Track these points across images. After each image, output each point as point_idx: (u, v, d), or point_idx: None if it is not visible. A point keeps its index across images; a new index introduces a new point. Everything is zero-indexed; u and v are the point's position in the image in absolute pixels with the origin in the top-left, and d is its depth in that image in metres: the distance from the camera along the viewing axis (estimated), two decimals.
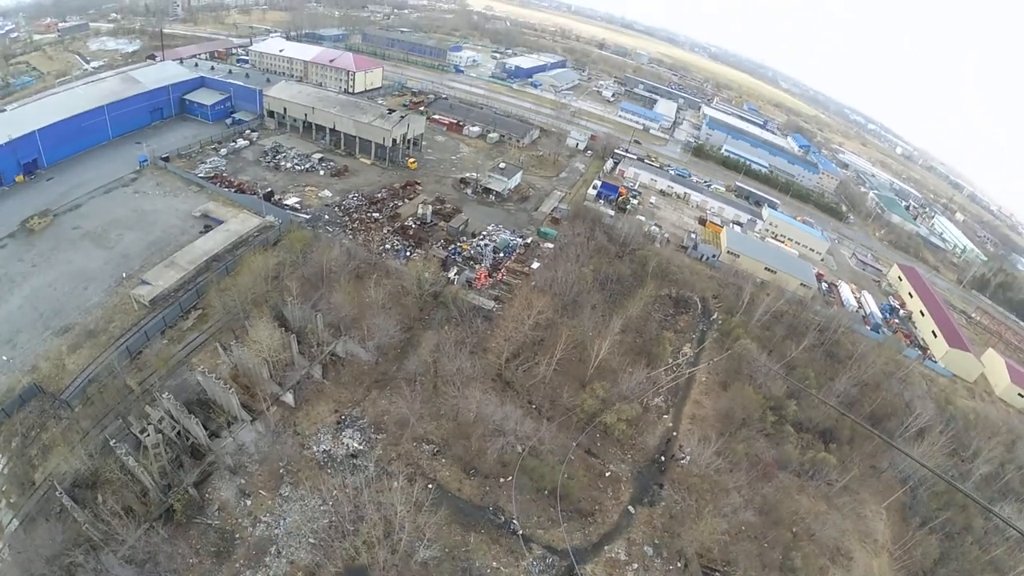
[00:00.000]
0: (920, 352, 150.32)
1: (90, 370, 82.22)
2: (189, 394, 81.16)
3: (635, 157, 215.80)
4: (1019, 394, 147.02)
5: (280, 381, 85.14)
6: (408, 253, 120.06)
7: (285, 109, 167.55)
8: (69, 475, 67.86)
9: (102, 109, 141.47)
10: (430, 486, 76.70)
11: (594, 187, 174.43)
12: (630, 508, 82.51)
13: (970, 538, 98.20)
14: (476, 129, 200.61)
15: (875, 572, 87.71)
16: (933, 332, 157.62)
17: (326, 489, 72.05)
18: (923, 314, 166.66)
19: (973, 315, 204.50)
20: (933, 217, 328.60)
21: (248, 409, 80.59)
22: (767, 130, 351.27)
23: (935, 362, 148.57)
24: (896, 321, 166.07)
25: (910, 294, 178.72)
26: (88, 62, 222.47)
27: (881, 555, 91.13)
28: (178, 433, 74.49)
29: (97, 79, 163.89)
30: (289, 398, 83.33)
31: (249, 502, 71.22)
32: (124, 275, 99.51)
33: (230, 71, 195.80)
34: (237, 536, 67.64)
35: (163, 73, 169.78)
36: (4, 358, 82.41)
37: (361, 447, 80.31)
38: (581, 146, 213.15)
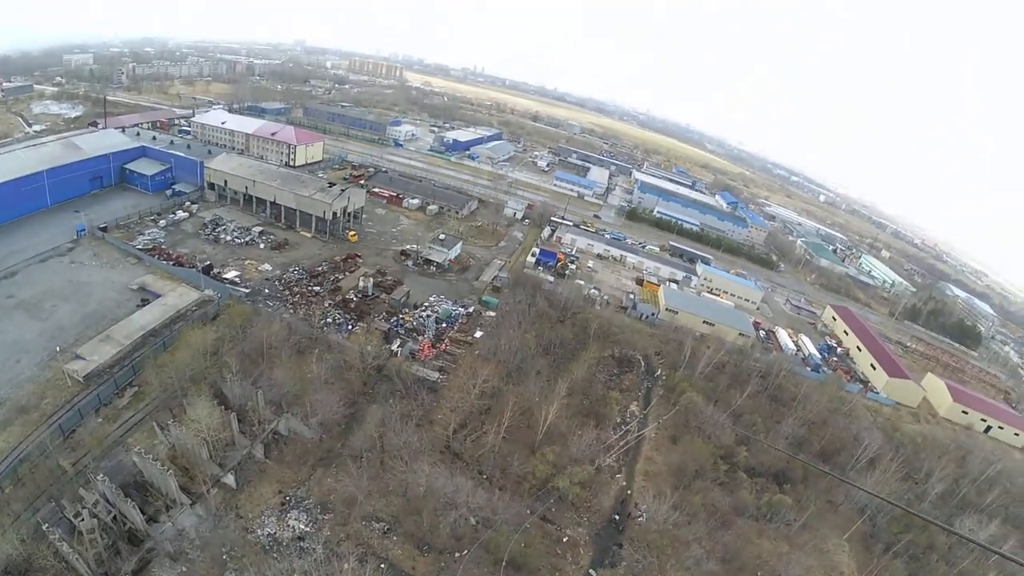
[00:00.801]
0: (862, 386, 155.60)
1: (22, 448, 77.20)
2: (125, 476, 76.52)
3: (571, 224, 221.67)
4: (962, 411, 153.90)
5: (220, 462, 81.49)
6: (350, 326, 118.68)
7: (226, 181, 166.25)
8: (0, 561, 62.59)
9: (42, 174, 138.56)
10: (382, 566, 73.21)
11: (533, 254, 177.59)
12: (591, 572, 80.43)
13: (935, 556, 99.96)
14: (416, 201, 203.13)
15: None
16: (872, 365, 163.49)
17: (273, 575, 68.42)
18: (860, 349, 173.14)
19: (909, 344, 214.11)
20: (860, 257, 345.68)
21: (187, 492, 76.32)
22: (696, 190, 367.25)
23: (877, 393, 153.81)
24: (835, 359, 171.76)
25: (845, 332, 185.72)
26: (30, 125, 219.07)
27: None
28: (114, 518, 69.66)
29: (38, 143, 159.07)
30: (230, 479, 79.55)
31: None
32: (58, 348, 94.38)
33: (172, 142, 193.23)
34: None
35: (105, 141, 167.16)
36: None
37: (308, 528, 76.42)
38: (519, 215, 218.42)
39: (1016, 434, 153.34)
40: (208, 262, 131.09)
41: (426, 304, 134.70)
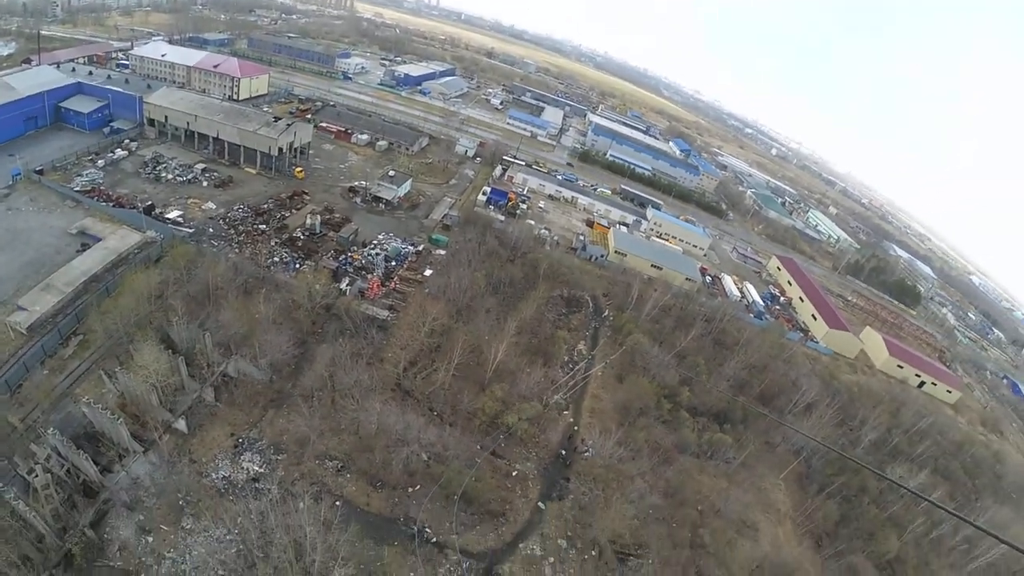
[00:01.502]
0: (802, 334, 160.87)
1: None
2: (76, 428, 73.79)
3: (524, 163, 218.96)
4: (898, 365, 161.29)
5: (171, 407, 79.21)
6: (298, 265, 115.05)
7: (166, 117, 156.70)
8: None
9: None
10: (338, 503, 73.35)
11: (484, 193, 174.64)
12: (540, 504, 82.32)
13: (867, 499, 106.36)
14: (365, 137, 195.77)
15: (781, 538, 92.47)
16: (813, 316, 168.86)
17: (229, 517, 67.39)
18: (802, 300, 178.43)
19: (850, 298, 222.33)
20: (808, 211, 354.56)
21: (139, 440, 74.08)
22: (650, 135, 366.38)
23: (817, 343, 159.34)
24: (778, 308, 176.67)
25: (789, 282, 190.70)
26: None
27: (784, 523, 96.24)
28: (68, 471, 67.69)
29: None
30: (182, 424, 77.51)
31: (151, 539, 65.54)
32: None
33: (109, 76, 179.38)
34: None
35: (38, 79, 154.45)
36: None
37: (262, 470, 75.58)
38: (470, 153, 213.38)
39: (948, 391, 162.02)
40: (149, 202, 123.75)
41: (375, 242, 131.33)
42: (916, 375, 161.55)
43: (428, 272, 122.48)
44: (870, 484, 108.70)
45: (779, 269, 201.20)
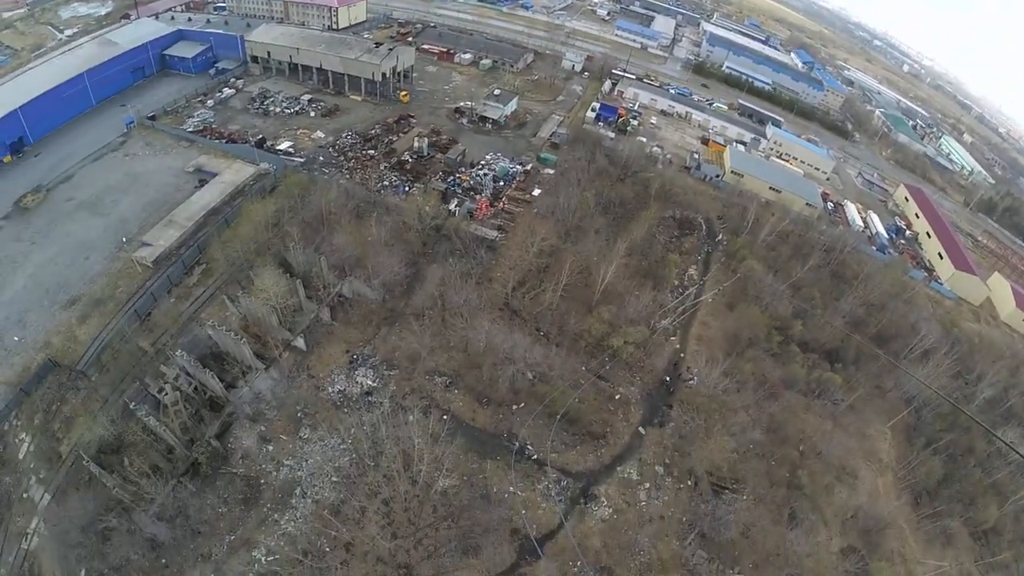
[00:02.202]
0: (926, 274, 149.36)
1: (102, 338, 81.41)
2: (202, 349, 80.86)
3: (634, 77, 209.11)
4: None
5: (290, 327, 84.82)
6: (407, 188, 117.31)
7: (269, 53, 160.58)
8: (94, 443, 67.76)
9: (82, 76, 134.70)
10: (445, 417, 77.35)
11: (592, 109, 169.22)
12: (640, 430, 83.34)
13: (973, 460, 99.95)
14: (468, 56, 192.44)
15: (880, 490, 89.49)
16: (939, 254, 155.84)
17: (344, 428, 73.11)
18: (929, 236, 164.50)
19: (980, 238, 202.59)
20: (940, 137, 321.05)
21: (261, 357, 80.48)
22: (770, 46, 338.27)
23: (941, 284, 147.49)
24: (902, 242, 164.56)
25: (916, 215, 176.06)
26: (62, 31, 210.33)
27: (886, 474, 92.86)
28: (195, 388, 74.54)
29: (73, 47, 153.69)
30: (300, 343, 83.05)
31: (271, 447, 72.19)
32: (124, 240, 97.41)
33: (208, 20, 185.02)
34: (262, 482, 68.92)
35: (139, 31, 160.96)
36: (16, 338, 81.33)
37: (375, 384, 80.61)
38: (577, 68, 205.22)
39: None
40: (260, 135, 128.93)
41: (483, 162, 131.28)
42: None
43: (536, 192, 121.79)
44: (978, 445, 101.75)
45: (907, 200, 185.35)
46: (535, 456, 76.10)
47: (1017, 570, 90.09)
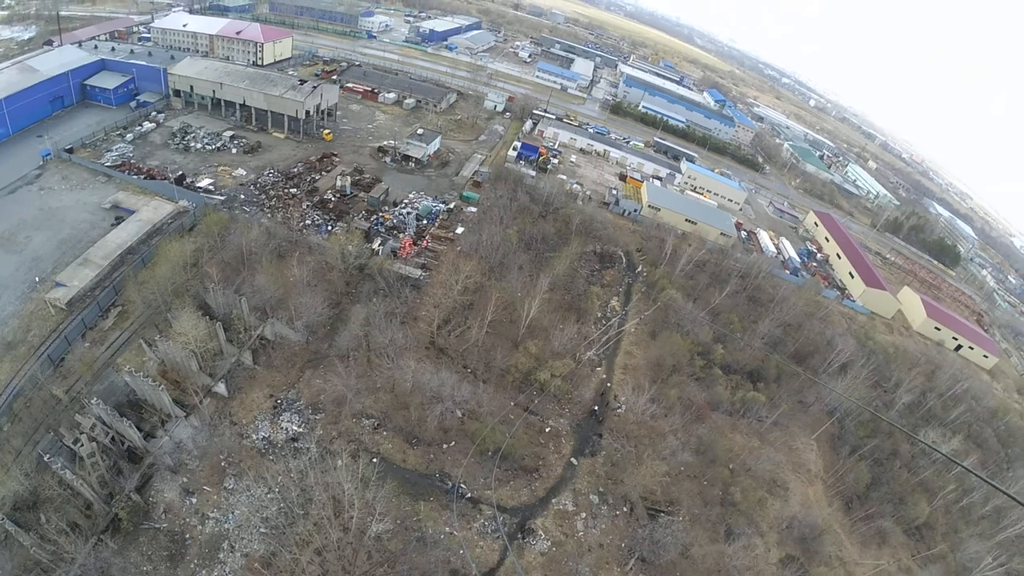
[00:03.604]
0: (839, 292, 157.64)
1: (13, 384, 75.80)
2: (119, 396, 76.60)
3: (554, 117, 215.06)
4: (935, 327, 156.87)
5: (211, 372, 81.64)
6: (330, 227, 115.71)
7: (192, 87, 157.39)
8: (8, 499, 63.01)
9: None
10: (374, 460, 75.53)
11: (514, 148, 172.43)
12: (573, 460, 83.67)
13: (898, 463, 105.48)
14: (392, 95, 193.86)
15: (811, 499, 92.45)
16: (850, 273, 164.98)
17: (270, 476, 70.14)
18: (840, 257, 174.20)
19: (888, 256, 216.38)
20: (847, 165, 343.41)
21: (181, 405, 76.79)
22: (684, 86, 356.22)
23: (853, 301, 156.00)
24: (814, 264, 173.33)
25: (827, 239, 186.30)
26: None
27: (815, 483, 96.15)
28: (112, 439, 70.41)
29: None
30: (222, 388, 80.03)
31: (194, 500, 68.62)
32: (37, 279, 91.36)
33: (132, 51, 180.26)
34: (187, 536, 65.32)
35: (62, 59, 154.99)
36: None
37: (301, 429, 78.13)
38: (499, 108, 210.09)
39: (985, 356, 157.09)
40: (180, 172, 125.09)
41: (406, 201, 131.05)
42: (953, 338, 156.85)
43: (460, 230, 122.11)
44: (902, 448, 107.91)
45: (816, 225, 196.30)
46: (469, 494, 74.99)
47: (954, 560, 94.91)
